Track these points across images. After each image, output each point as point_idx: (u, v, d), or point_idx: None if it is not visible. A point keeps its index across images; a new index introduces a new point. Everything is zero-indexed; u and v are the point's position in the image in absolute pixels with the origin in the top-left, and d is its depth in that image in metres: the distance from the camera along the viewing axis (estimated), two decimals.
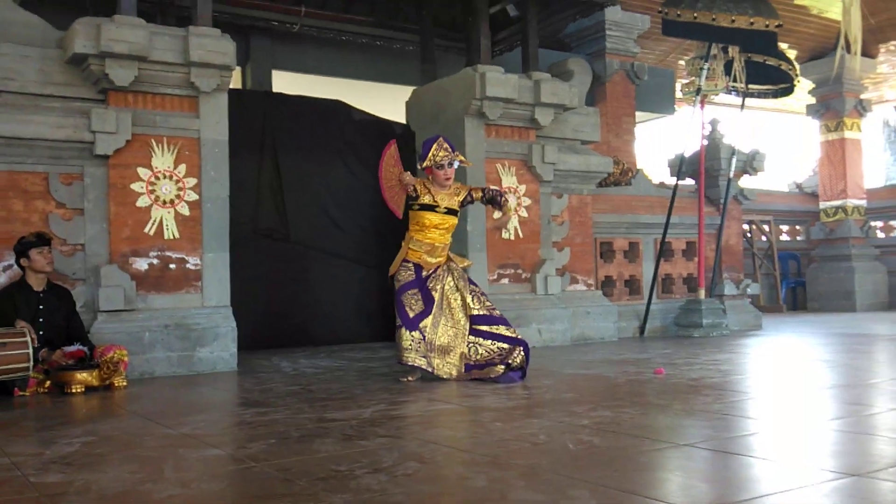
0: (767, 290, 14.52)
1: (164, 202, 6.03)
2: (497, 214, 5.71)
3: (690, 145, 9.31)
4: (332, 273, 8.26)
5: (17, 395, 4.87)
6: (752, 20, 8.29)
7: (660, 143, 15.99)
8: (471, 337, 5.23)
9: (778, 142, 20.13)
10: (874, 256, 14.55)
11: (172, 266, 6.06)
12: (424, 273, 5.34)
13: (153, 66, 5.88)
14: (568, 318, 7.90)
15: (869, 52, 13.65)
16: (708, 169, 9.44)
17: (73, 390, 4.93)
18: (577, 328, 8.03)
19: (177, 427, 3.68)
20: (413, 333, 5.13)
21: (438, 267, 5.37)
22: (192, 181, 6.13)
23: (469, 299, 5.26)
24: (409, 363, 5.11)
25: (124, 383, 5.16)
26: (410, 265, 5.33)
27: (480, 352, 5.21)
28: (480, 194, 5.54)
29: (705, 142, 9.36)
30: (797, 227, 15.85)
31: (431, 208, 5.32)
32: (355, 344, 8.08)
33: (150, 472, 2.78)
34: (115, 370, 5.10)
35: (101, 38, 5.59)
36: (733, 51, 8.88)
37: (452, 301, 5.28)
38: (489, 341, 5.20)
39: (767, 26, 8.35)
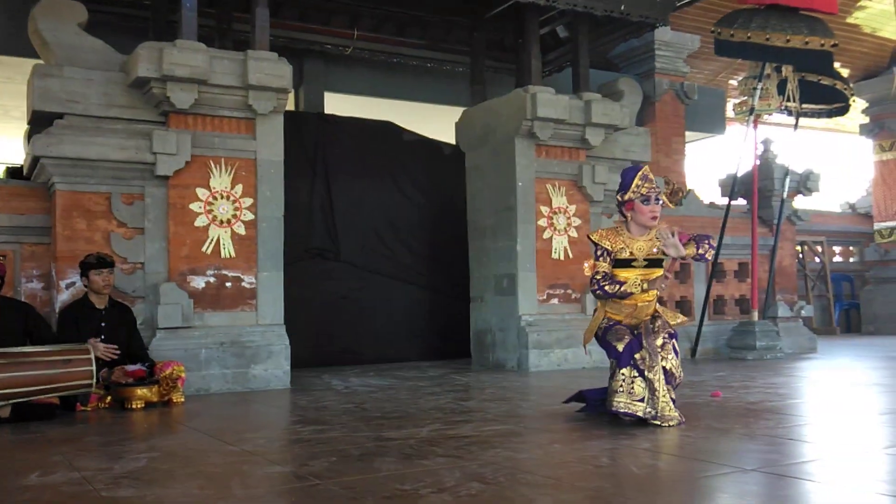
0: (820, 312, 14.22)
1: (222, 222, 6.15)
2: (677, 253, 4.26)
3: (743, 165, 9.21)
4: (381, 292, 8.32)
5: (79, 410, 4.99)
6: (806, 39, 8.19)
7: (710, 162, 15.80)
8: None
9: (831, 162, 19.80)
10: None
11: (228, 284, 6.16)
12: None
13: (212, 90, 6.02)
14: None
15: None
16: (761, 189, 9.32)
17: (134, 406, 5.03)
18: None
19: (238, 444, 3.73)
20: (624, 370, 4.09)
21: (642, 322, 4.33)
22: (248, 201, 6.24)
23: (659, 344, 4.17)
24: (620, 410, 4.04)
25: (182, 399, 5.26)
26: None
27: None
28: (693, 250, 4.28)
29: (758, 162, 9.25)
30: (850, 249, 15.53)
31: (627, 263, 4.29)
32: (403, 363, 8.11)
33: (218, 488, 2.82)
34: (174, 386, 5.21)
35: (163, 62, 5.74)
36: (787, 70, 8.78)
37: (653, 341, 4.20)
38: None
39: (823, 45, 8.24)
